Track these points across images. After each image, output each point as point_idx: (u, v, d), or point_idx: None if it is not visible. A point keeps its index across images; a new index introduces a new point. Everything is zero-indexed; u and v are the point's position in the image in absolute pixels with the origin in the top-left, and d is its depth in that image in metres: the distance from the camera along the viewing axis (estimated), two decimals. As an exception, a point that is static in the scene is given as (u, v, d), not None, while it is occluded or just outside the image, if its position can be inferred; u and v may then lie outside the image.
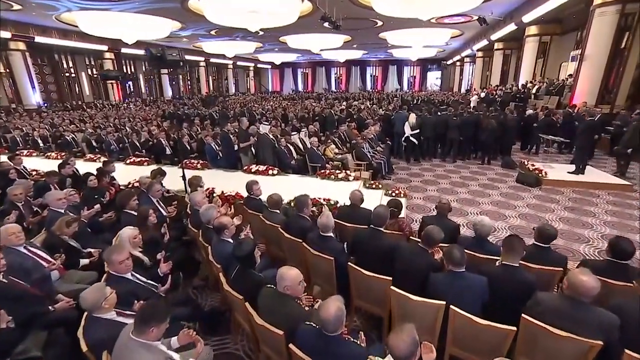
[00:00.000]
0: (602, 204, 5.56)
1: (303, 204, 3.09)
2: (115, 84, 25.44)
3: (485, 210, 5.29)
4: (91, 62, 24.53)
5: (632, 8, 10.24)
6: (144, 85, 30.70)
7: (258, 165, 6.24)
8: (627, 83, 10.98)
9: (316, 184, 5.70)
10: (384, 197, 5.48)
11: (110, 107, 22.34)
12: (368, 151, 6.87)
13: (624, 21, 10.41)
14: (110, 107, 21.92)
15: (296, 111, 13.01)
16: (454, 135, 8.17)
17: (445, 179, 7.01)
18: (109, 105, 23.25)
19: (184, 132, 8.61)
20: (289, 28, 15.23)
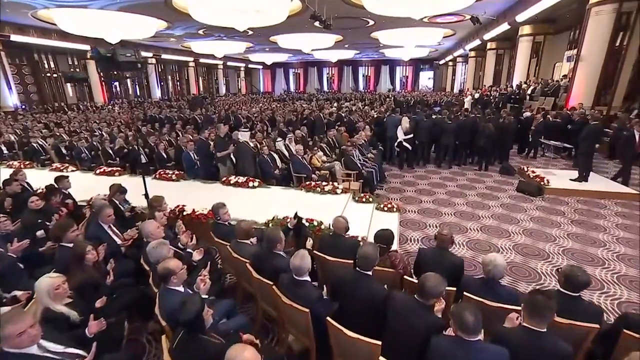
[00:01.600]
0: (611, 216, 5.14)
1: (274, 241, 2.56)
2: (100, 84, 24.57)
3: (486, 226, 4.82)
4: (74, 62, 23.65)
5: (629, 7, 9.98)
6: (131, 86, 29.86)
7: (237, 177, 5.69)
8: (623, 84, 10.72)
9: (300, 197, 5.18)
10: (375, 212, 5.00)
11: (94, 109, 21.50)
12: (358, 159, 6.36)
13: (620, 20, 10.13)
14: (95, 110, 21.09)
15: (285, 114, 12.45)
16: (449, 140, 7.72)
17: (441, 187, 6.54)
18: (93, 107, 22.38)
19: (161, 138, 8.02)
20: (279, 27, 14.80)
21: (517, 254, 4.04)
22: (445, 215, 5.18)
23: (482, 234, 4.55)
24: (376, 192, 6.09)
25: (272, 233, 2.65)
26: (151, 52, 25.29)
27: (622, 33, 10.18)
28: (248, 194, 5.39)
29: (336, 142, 7.73)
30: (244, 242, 2.89)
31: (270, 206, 4.88)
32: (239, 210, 4.65)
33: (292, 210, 4.75)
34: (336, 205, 4.82)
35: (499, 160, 8.35)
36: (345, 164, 6.00)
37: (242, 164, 5.83)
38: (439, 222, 4.97)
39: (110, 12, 12.43)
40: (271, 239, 2.62)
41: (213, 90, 39.85)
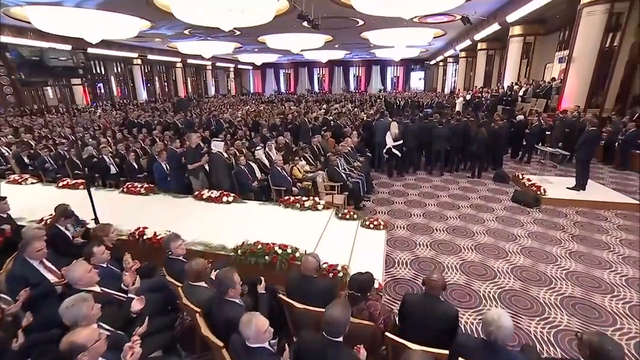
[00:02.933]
0: (613, 230, 4.79)
1: (227, 284, 2.09)
2: (82, 86, 23.68)
3: (480, 244, 4.41)
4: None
5: (621, 7, 9.78)
6: (115, 88, 28.99)
7: (211, 191, 5.19)
8: (615, 86, 10.52)
9: (278, 214, 4.71)
10: (360, 230, 4.55)
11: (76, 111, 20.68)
12: (343, 168, 5.91)
13: (612, 21, 9.91)
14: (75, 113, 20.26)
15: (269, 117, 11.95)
16: (440, 146, 7.32)
17: (433, 198, 6.13)
18: (74, 109, 21.52)
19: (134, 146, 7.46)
20: (267, 27, 14.42)
21: (516, 279, 3.63)
22: (436, 232, 4.76)
23: (477, 254, 4.14)
24: (362, 204, 5.65)
25: (224, 275, 2.17)
26: (136, 53, 24.54)
27: (613, 34, 9.97)
28: (221, 210, 4.90)
29: (321, 148, 7.27)
30: (197, 284, 2.40)
31: (244, 225, 4.41)
32: (208, 231, 4.19)
33: (268, 230, 4.32)
34: (317, 223, 4.37)
35: (493, 166, 8.00)
36: (329, 175, 5.54)
37: (216, 177, 5.33)
38: (430, 240, 4.54)
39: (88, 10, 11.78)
40: (222, 282, 2.14)
41: (202, 91, 39.13)
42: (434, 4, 10.19)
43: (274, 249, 3.48)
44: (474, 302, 3.26)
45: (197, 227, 4.31)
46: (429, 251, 4.23)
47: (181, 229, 4.14)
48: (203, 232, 4.16)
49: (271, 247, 3.50)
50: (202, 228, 4.30)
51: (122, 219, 4.43)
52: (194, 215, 4.76)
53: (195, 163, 5.29)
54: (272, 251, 3.47)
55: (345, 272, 3.31)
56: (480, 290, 3.45)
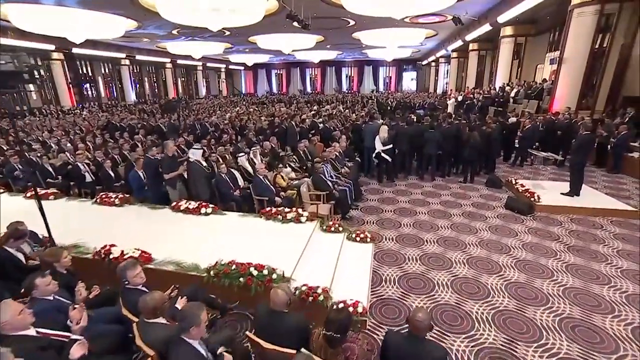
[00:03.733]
0: (609, 239, 4.59)
1: (191, 320, 1.80)
2: (67, 87, 23.06)
3: (473, 257, 4.17)
4: (37, 63, 22.12)
5: (611, 8, 9.72)
6: (103, 89, 28.35)
7: (189, 202, 4.88)
8: (606, 87, 10.47)
9: (259, 227, 4.42)
10: (345, 242, 4.29)
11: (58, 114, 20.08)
12: (330, 176, 5.64)
13: (603, 21, 9.84)
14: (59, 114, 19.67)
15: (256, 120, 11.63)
16: (431, 150, 7.09)
17: (424, 206, 5.89)
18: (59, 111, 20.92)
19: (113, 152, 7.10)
20: (257, 28, 14.20)
21: (510, 297, 3.40)
22: (426, 244, 4.52)
23: (469, 269, 3.90)
24: (349, 215, 5.38)
25: (191, 310, 1.88)
26: (124, 53, 24.00)
27: (603, 35, 9.92)
28: (199, 222, 4.59)
29: (308, 153, 6.99)
30: (152, 321, 2.11)
31: (223, 239, 4.12)
32: (183, 247, 3.89)
33: (247, 245, 4.03)
34: (299, 237, 4.09)
35: (485, 170, 7.82)
36: (314, 184, 5.26)
37: (195, 187, 5.02)
38: (420, 253, 4.29)
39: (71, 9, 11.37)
40: (186, 317, 1.86)
41: (193, 92, 38.56)
42: (425, 5, 10.05)
43: (249, 270, 3.19)
44: (466, 326, 3.01)
45: (171, 243, 4.01)
46: (419, 266, 3.98)
47: (154, 245, 3.88)
48: (177, 248, 3.86)
49: (246, 268, 3.21)
50: (176, 244, 4.00)
51: (91, 234, 4.13)
52: (170, 228, 4.44)
53: (172, 172, 4.97)
54: (247, 272, 3.18)
55: (327, 296, 3.04)
56: (473, 311, 3.20)
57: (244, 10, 9.72)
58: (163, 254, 3.67)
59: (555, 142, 8.47)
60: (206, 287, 3.26)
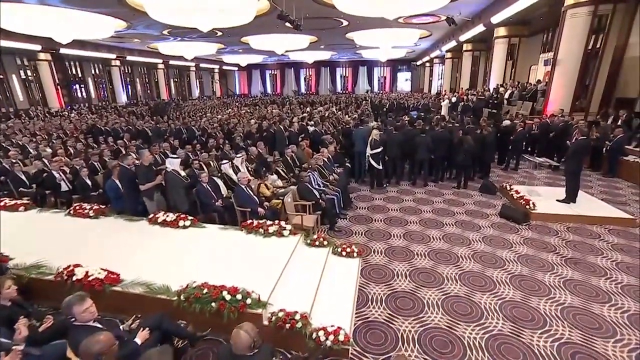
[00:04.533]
0: (607, 250, 4.39)
1: None
2: (55, 88, 22.54)
3: (466, 272, 3.94)
4: (24, 64, 21.64)
5: (604, 9, 9.60)
6: (94, 90, 27.83)
7: (167, 214, 4.60)
8: (600, 88, 10.36)
9: (239, 241, 4.15)
10: (330, 257, 4.04)
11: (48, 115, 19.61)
12: (317, 184, 5.39)
13: (596, 23, 9.72)
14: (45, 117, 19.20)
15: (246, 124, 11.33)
16: (423, 155, 6.86)
17: (415, 214, 5.66)
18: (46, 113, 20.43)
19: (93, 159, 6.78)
20: (250, 28, 13.96)
21: (505, 319, 3.17)
22: (417, 258, 4.28)
23: (462, 286, 3.67)
24: (337, 227, 5.12)
25: None
26: (114, 54, 23.57)
27: (596, 36, 9.79)
28: (176, 236, 4.32)
29: (296, 159, 6.73)
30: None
31: (200, 255, 3.86)
32: (157, 264, 3.62)
33: (225, 261, 3.76)
34: (281, 252, 3.83)
35: (480, 175, 7.61)
36: (300, 193, 5.00)
37: (172, 198, 4.74)
38: (410, 268, 4.05)
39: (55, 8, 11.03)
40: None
41: (186, 93, 38.11)
42: (418, 5, 9.87)
43: (221, 294, 2.92)
44: (458, 353, 2.77)
45: (143, 260, 3.74)
46: (408, 283, 3.74)
47: (125, 263, 3.60)
48: (149, 266, 3.59)
49: (219, 292, 2.94)
50: (149, 261, 3.73)
51: (58, 251, 3.85)
52: (144, 243, 4.16)
53: (149, 183, 4.68)
54: (220, 297, 2.91)
55: (306, 322, 2.79)
56: (465, 335, 2.97)
57: (234, 11, 9.46)
58: (133, 273, 3.39)
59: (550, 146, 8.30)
60: (177, 312, 3.00)
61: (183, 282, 3.17)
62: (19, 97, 21.55)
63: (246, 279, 3.22)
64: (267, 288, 3.18)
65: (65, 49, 19.14)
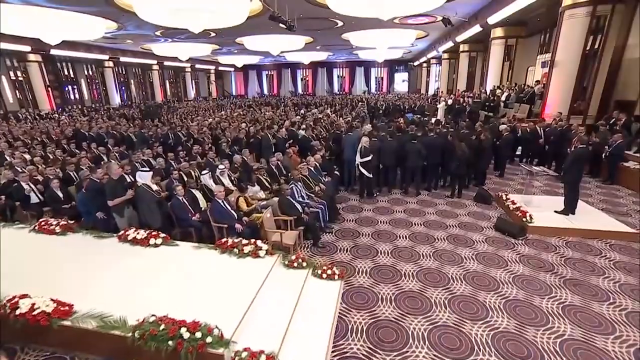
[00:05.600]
0: (609, 269, 4.09)
1: None
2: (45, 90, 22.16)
3: (457, 297, 3.63)
4: (14, 65, 21.30)
5: (603, 9, 9.31)
6: (87, 91, 27.47)
7: (137, 231, 4.27)
8: (598, 90, 10.07)
9: (212, 262, 3.83)
10: (309, 280, 3.72)
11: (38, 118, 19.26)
12: (301, 196, 5.07)
13: (594, 23, 9.43)
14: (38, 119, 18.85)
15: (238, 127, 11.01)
16: (415, 163, 6.54)
17: (405, 227, 5.34)
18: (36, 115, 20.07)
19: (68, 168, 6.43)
20: (244, 29, 13.68)
21: (498, 354, 2.86)
22: (404, 279, 3.96)
23: (451, 314, 3.35)
24: (321, 243, 4.80)
25: None
26: (107, 55, 23.20)
27: (594, 37, 9.50)
28: (146, 256, 3.99)
29: (282, 168, 6.41)
30: None
31: (166, 279, 3.53)
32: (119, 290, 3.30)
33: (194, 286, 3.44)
34: (256, 275, 3.51)
35: (475, 182, 7.31)
36: (281, 207, 4.68)
37: (144, 214, 4.42)
38: (396, 291, 3.74)
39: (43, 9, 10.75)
40: None
41: (181, 94, 37.75)
42: (412, 5, 9.61)
43: (179, 332, 2.60)
44: (444, 399, 2.47)
45: (105, 285, 3.42)
46: (393, 310, 3.42)
47: (83, 290, 3.29)
48: (109, 293, 3.28)
49: (177, 329, 2.62)
50: (111, 287, 3.40)
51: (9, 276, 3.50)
52: (110, 264, 3.84)
53: (118, 198, 4.35)
54: (177, 335, 2.59)
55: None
56: (453, 376, 2.66)
57: (225, 12, 9.16)
58: (89, 302, 3.06)
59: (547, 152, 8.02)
60: (132, 350, 2.68)
61: (145, 312, 2.86)
62: (8, 99, 21.22)
63: (214, 308, 2.94)
64: (235, 319, 2.88)
65: (57, 50, 18.79)
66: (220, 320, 2.78)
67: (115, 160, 7.60)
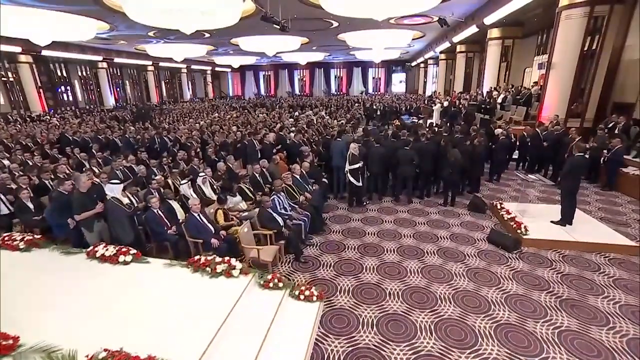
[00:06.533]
0: (609, 287, 3.84)
1: None
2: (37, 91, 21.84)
3: (444, 320, 3.37)
4: (4, 66, 21.02)
5: (601, 10, 9.07)
6: (80, 92, 27.15)
7: (106, 247, 4.00)
8: (596, 93, 9.83)
9: (183, 282, 3.56)
10: (286, 301, 3.45)
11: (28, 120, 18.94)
12: (283, 207, 4.80)
13: (592, 24, 9.19)
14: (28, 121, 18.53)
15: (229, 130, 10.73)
16: (406, 171, 6.27)
17: (394, 239, 5.08)
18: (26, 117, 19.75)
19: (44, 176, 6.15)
20: (238, 30, 13.45)
21: (486, 390, 2.61)
22: (388, 299, 3.70)
23: (437, 341, 3.09)
24: (304, 257, 4.53)
25: None
26: (101, 56, 22.91)
27: (591, 38, 9.26)
28: (112, 275, 3.71)
29: (268, 175, 6.14)
30: None
31: (130, 303, 3.26)
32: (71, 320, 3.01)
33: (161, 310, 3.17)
34: (228, 297, 3.24)
35: (469, 189, 7.06)
36: (260, 220, 4.42)
37: (114, 229, 4.14)
38: (379, 313, 3.47)
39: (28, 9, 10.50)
40: None
41: (177, 95, 37.46)
42: (407, 6, 9.36)
43: (134, 370, 2.34)
44: None
45: (62, 311, 3.13)
46: (373, 336, 3.16)
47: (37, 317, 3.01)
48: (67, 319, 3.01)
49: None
50: (69, 312, 3.12)
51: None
52: (73, 286, 3.55)
53: (85, 212, 4.07)
54: (132, 376, 2.33)
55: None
56: (436, 417, 2.40)
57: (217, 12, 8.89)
58: (39, 333, 2.78)
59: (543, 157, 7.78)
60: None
61: (100, 343, 2.59)
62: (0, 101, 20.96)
63: (178, 335, 2.70)
64: (200, 348, 2.61)
65: (49, 51, 18.51)
66: (184, 349, 2.53)
67: (97, 167, 7.35)
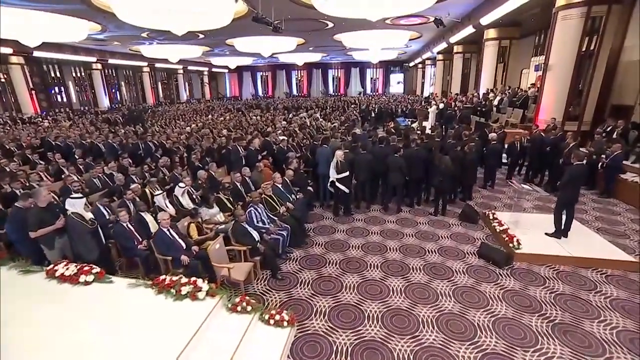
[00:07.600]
0: (606, 309, 3.57)
1: None
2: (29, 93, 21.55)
3: (425, 348, 3.10)
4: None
5: (598, 10, 8.80)
6: (75, 94, 26.87)
7: (67, 266, 3.74)
8: (594, 95, 9.57)
9: (145, 304, 3.30)
10: (255, 326, 3.19)
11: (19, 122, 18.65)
12: (261, 220, 4.54)
13: (589, 25, 8.93)
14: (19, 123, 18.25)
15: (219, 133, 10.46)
16: (395, 179, 6.01)
17: (379, 253, 4.81)
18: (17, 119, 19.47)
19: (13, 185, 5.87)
20: (233, 30, 13.25)
21: None
22: (367, 322, 3.43)
23: (417, 373, 2.84)
24: (281, 273, 4.27)
25: None
26: (95, 57, 22.65)
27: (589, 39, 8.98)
28: (72, 297, 3.45)
29: (251, 184, 5.88)
30: None
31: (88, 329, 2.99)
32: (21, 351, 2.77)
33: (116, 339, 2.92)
34: (191, 322, 2.98)
35: (462, 197, 6.80)
36: (234, 235, 4.15)
37: (76, 246, 3.88)
38: (355, 338, 3.21)
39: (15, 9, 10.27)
40: None
41: (174, 96, 37.19)
42: (402, 6, 9.14)
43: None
44: None
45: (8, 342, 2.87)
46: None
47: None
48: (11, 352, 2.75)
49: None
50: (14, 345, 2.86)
51: None
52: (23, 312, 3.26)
53: (43, 229, 3.80)
54: None
55: None
56: None
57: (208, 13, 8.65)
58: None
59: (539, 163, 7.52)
60: None
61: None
62: (-12, 102, 20.70)
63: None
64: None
65: (41, 52, 18.26)
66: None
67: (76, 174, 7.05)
